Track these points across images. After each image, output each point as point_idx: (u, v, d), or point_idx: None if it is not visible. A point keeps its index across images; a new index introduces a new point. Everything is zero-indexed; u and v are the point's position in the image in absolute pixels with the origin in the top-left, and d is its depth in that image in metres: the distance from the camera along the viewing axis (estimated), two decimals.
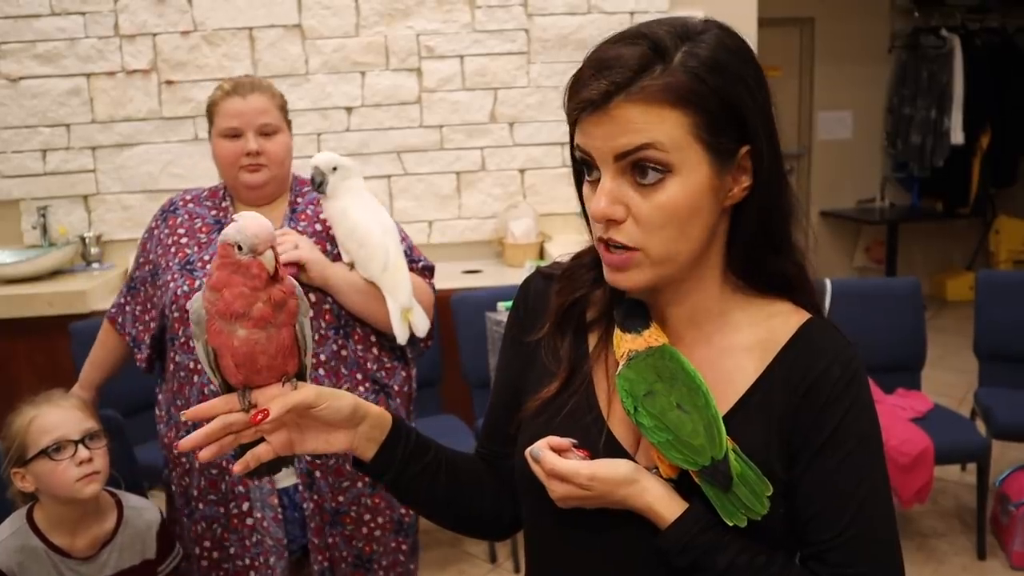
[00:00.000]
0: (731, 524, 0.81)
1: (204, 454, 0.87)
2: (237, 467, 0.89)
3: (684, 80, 0.77)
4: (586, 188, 0.85)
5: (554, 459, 0.85)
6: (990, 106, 5.62)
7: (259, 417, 0.86)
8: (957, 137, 5.55)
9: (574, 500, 0.85)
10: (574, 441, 0.87)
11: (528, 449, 0.88)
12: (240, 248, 0.83)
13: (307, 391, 0.88)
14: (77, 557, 1.67)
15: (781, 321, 0.88)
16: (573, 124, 0.83)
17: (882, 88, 5.99)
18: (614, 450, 0.88)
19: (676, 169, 0.79)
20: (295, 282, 0.90)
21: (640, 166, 0.79)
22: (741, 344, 0.88)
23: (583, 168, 0.85)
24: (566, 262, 0.98)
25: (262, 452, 0.89)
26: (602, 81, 0.78)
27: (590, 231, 0.88)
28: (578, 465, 0.84)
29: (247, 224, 0.84)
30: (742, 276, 0.89)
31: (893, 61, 5.94)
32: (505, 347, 1.04)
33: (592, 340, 0.94)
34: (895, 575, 0.85)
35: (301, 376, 0.92)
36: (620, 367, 0.86)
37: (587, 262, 0.95)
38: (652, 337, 0.86)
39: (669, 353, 0.85)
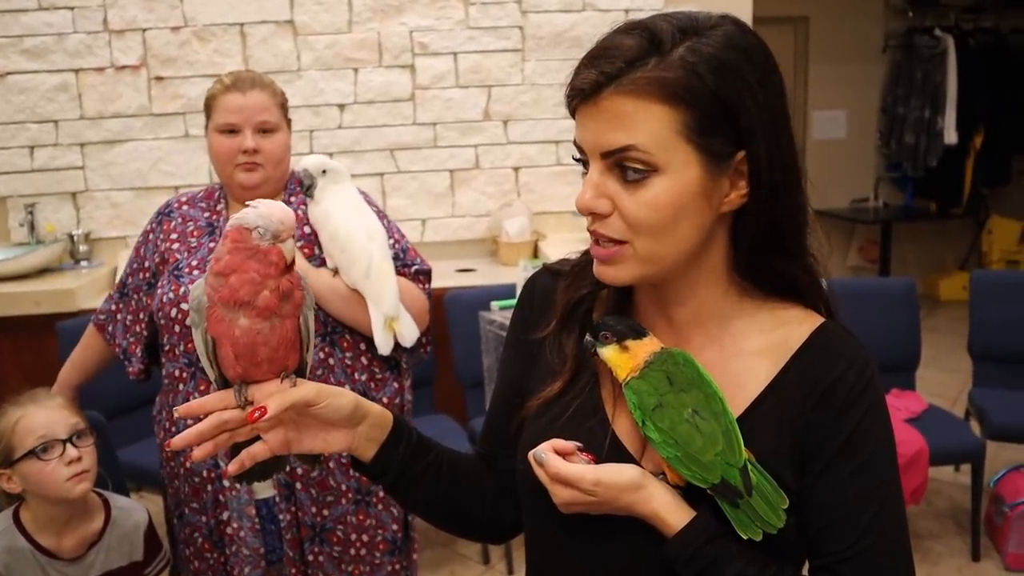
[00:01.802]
0: (746, 537, 0.78)
1: (197, 453, 0.83)
2: (232, 467, 0.86)
3: (679, 76, 0.75)
4: (582, 182, 0.83)
5: (558, 463, 0.82)
6: (983, 106, 5.62)
7: (256, 415, 0.82)
8: (950, 137, 5.56)
9: (578, 506, 0.83)
10: (579, 444, 0.85)
11: (532, 452, 0.85)
12: (261, 233, 0.80)
13: (306, 388, 0.85)
14: (64, 558, 1.64)
15: (794, 326, 0.86)
16: (573, 116, 0.82)
17: (876, 88, 5.99)
18: (619, 454, 0.86)
19: (661, 168, 0.77)
20: (301, 273, 0.87)
21: (623, 166, 0.78)
22: (752, 348, 0.86)
23: (580, 162, 0.83)
24: (575, 258, 0.95)
25: (258, 451, 0.86)
26: (592, 71, 0.77)
27: None
28: (583, 470, 0.81)
29: (272, 210, 0.81)
30: (749, 280, 0.87)
31: (887, 61, 5.94)
32: (508, 346, 1.01)
33: None
34: None
35: (301, 372, 0.89)
36: (629, 377, 0.83)
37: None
38: (655, 339, 0.85)
39: (683, 358, 0.83)
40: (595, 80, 0.76)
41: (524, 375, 0.96)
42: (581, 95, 0.78)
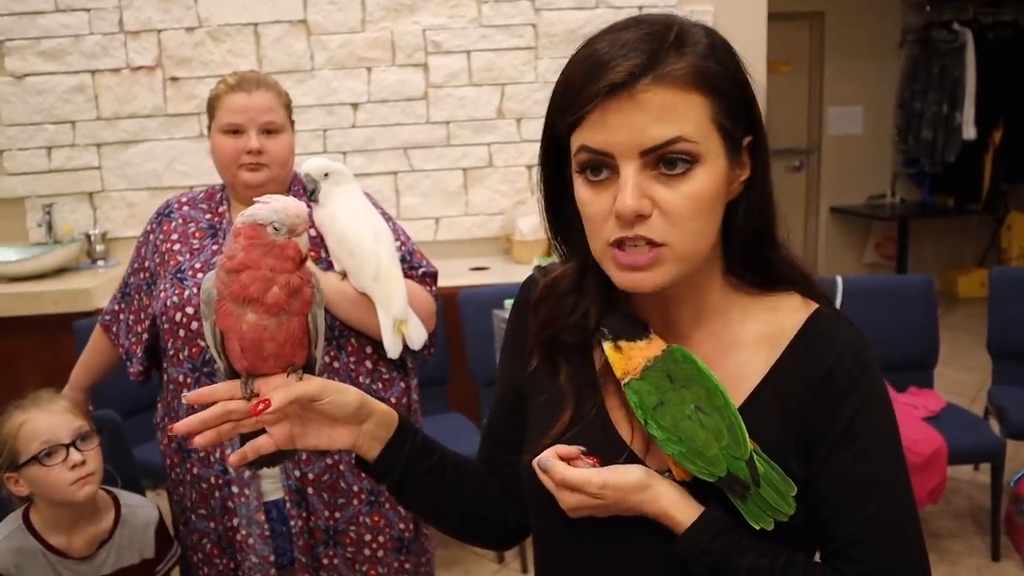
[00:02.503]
0: (758, 528, 0.78)
1: (199, 440, 0.84)
2: (234, 458, 0.86)
3: (704, 63, 0.75)
4: (585, 192, 0.79)
5: (564, 469, 0.82)
6: (1002, 101, 5.55)
7: (260, 407, 0.83)
8: (969, 132, 5.49)
9: (586, 509, 0.83)
10: (582, 449, 0.85)
11: (536, 459, 0.85)
12: (277, 228, 0.81)
13: (311, 383, 0.86)
14: (75, 557, 1.65)
15: (787, 314, 0.86)
16: (572, 125, 0.77)
17: (893, 83, 5.93)
18: (620, 451, 0.85)
19: (701, 158, 0.76)
20: (312, 270, 0.87)
21: (669, 159, 0.75)
22: (748, 339, 0.85)
23: (585, 171, 0.78)
24: (546, 280, 0.93)
25: (262, 444, 0.86)
26: (625, 62, 0.73)
27: (561, 250, 0.88)
28: (589, 474, 0.81)
29: (287, 205, 0.82)
30: (743, 272, 0.86)
31: (904, 55, 5.88)
32: (506, 346, 1.01)
33: (597, 358, 0.90)
34: (921, 570, 0.82)
35: (310, 368, 0.89)
36: (629, 379, 0.83)
37: (563, 289, 0.91)
38: (659, 341, 0.84)
39: (682, 354, 0.83)
40: (630, 70, 0.73)
41: (521, 378, 0.96)
42: (616, 89, 0.73)
